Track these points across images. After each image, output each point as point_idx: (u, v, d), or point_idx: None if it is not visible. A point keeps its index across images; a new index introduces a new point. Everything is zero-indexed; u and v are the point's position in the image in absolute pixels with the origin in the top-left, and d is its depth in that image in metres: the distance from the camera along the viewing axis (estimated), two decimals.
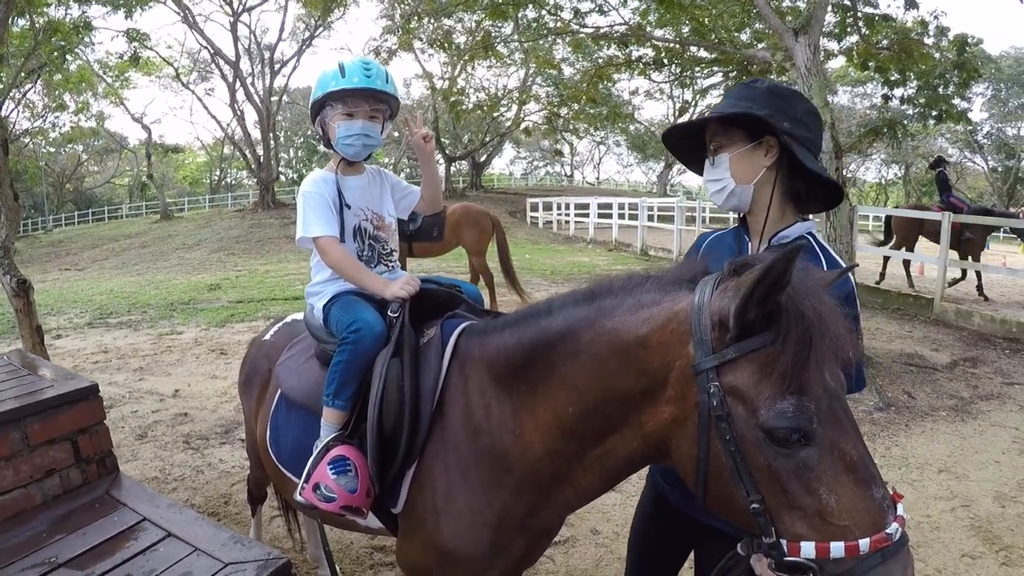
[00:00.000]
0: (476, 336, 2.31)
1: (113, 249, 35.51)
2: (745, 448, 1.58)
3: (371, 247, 2.79)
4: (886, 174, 66.13)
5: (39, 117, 39.06)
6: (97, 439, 2.98)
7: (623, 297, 1.85)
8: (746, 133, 2.21)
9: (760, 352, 1.56)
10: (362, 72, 2.60)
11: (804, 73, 8.95)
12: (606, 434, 1.88)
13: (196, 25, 38.16)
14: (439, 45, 22.40)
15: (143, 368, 9.82)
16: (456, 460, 2.20)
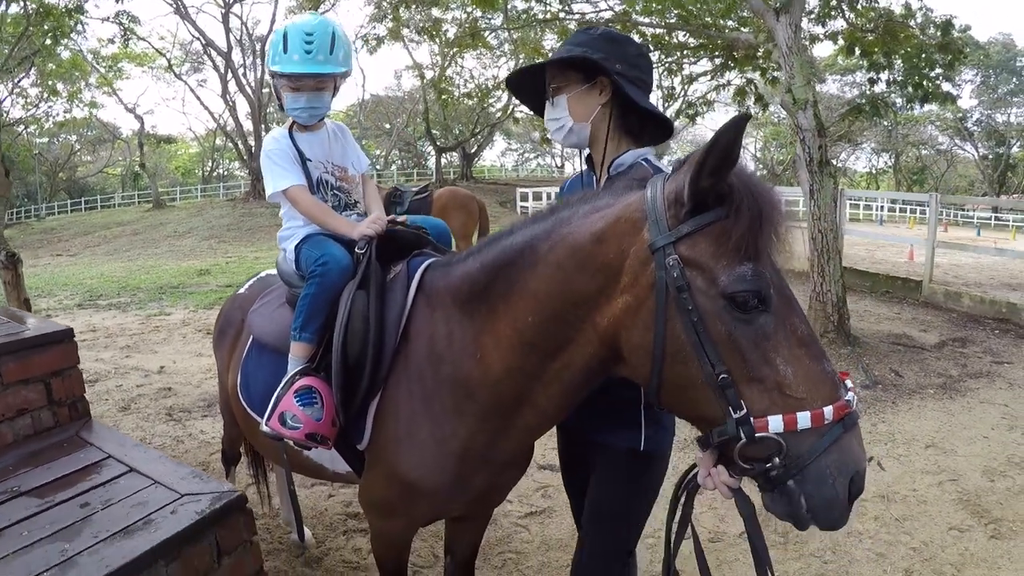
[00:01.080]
0: (441, 268, 2.35)
1: (105, 236, 35.47)
2: (706, 319, 1.63)
3: (335, 197, 2.85)
4: (876, 163, 66.01)
5: (32, 106, 38.94)
6: (70, 383, 3.05)
7: (578, 206, 1.93)
8: (582, 75, 2.31)
9: (715, 225, 1.63)
10: (302, 49, 2.62)
11: (785, 52, 8.98)
12: (564, 344, 1.92)
13: (188, 16, 38.23)
14: (428, 34, 22.39)
15: (130, 346, 9.88)
16: (419, 390, 2.23)
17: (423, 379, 2.23)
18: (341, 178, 2.90)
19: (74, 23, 15.73)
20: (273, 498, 4.66)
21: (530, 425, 2.17)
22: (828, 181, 8.99)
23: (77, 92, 35.55)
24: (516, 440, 2.24)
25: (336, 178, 2.88)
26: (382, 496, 2.40)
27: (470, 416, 2.17)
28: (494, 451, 2.23)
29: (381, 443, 2.32)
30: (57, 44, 17.30)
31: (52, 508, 2.23)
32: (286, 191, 2.70)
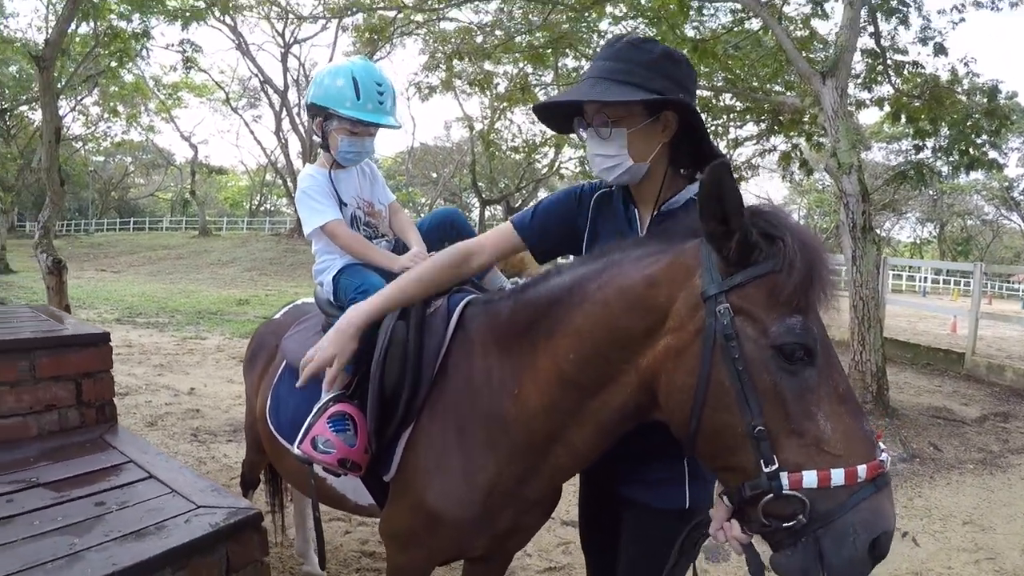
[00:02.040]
0: (482, 305, 2.32)
1: (150, 257, 36.10)
2: (752, 368, 1.63)
3: (365, 232, 2.90)
4: (921, 233, 65.19)
5: (92, 124, 39.92)
6: (100, 386, 3.06)
7: (631, 250, 1.91)
8: (645, 107, 2.06)
9: (767, 277, 1.64)
10: (375, 99, 2.70)
11: (831, 116, 8.96)
12: (604, 384, 1.90)
13: (249, 53, 39.18)
14: (479, 87, 22.70)
15: (163, 365, 9.98)
16: (453, 422, 2.21)
17: (458, 412, 2.21)
18: (369, 213, 2.97)
19: (140, 47, 16.17)
20: (288, 528, 4.63)
21: (561, 465, 2.12)
22: (871, 248, 8.89)
23: (136, 115, 36.46)
24: (546, 479, 2.19)
25: (365, 213, 2.95)
26: (405, 526, 2.35)
27: (502, 451, 2.14)
28: (523, 488, 2.19)
29: (410, 473, 2.28)
30: (122, 66, 17.81)
31: (66, 503, 2.21)
32: (325, 226, 2.77)
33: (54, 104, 10.79)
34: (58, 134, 10.19)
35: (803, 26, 13.86)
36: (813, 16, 13.41)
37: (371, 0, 16.41)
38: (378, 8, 16.61)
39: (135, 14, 15.52)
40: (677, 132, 2.10)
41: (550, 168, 42.46)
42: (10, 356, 2.76)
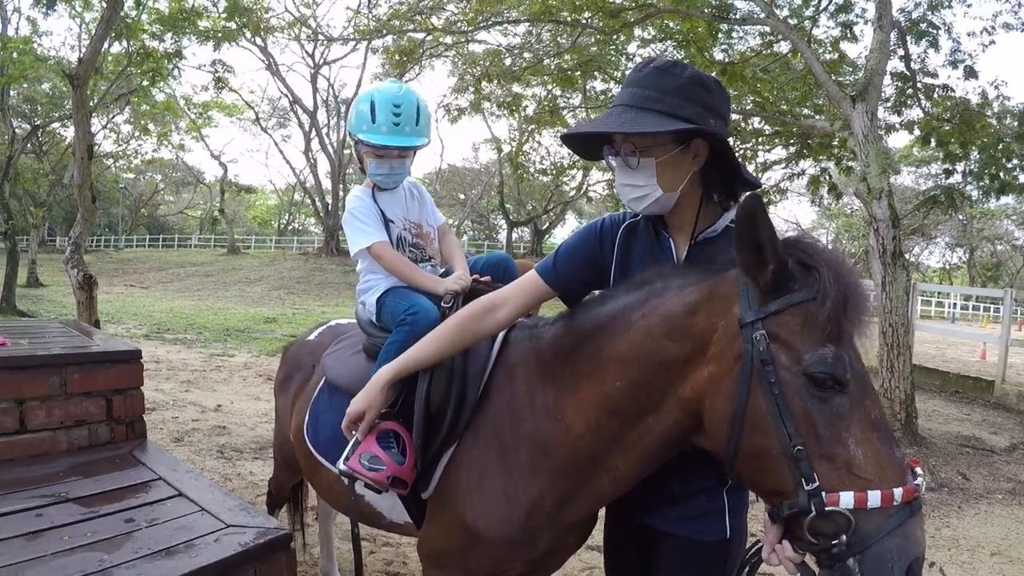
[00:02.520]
0: (527, 329, 2.37)
1: (178, 274, 36.47)
2: (786, 393, 1.68)
3: (412, 253, 2.92)
4: (950, 258, 64.45)
5: (123, 142, 40.46)
6: (131, 402, 3.07)
7: (672, 279, 1.95)
8: (673, 135, 1.98)
9: (802, 306, 1.70)
10: (391, 121, 2.73)
11: (861, 140, 8.91)
12: (647, 410, 1.95)
13: (279, 73, 39.90)
14: (508, 109, 22.79)
15: (190, 381, 10.05)
16: (496, 443, 2.24)
17: (500, 434, 2.25)
18: (417, 235, 2.98)
19: (171, 67, 16.38)
20: (312, 547, 4.62)
21: (602, 490, 2.15)
22: (901, 274, 8.81)
23: (167, 134, 36.92)
24: (586, 504, 2.22)
25: (412, 235, 2.96)
26: (443, 545, 2.38)
27: (544, 475, 2.17)
28: (563, 512, 2.21)
29: (450, 492, 2.32)
30: (154, 86, 18.04)
31: (96, 519, 2.21)
32: (370, 248, 2.79)
33: (87, 122, 10.95)
34: (90, 151, 10.34)
35: (832, 49, 13.84)
36: (842, 39, 13.40)
37: (400, 23, 16.54)
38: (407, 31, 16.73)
39: (167, 34, 15.76)
40: (709, 159, 2.03)
41: (578, 190, 42.52)
42: (42, 371, 2.77)
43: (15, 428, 2.72)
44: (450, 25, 16.37)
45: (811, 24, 12.84)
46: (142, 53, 15.13)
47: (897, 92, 13.12)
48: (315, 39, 34.31)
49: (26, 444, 2.74)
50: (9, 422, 2.71)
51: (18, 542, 2.01)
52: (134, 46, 15.15)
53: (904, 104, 13.25)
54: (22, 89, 27.73)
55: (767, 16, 11.91)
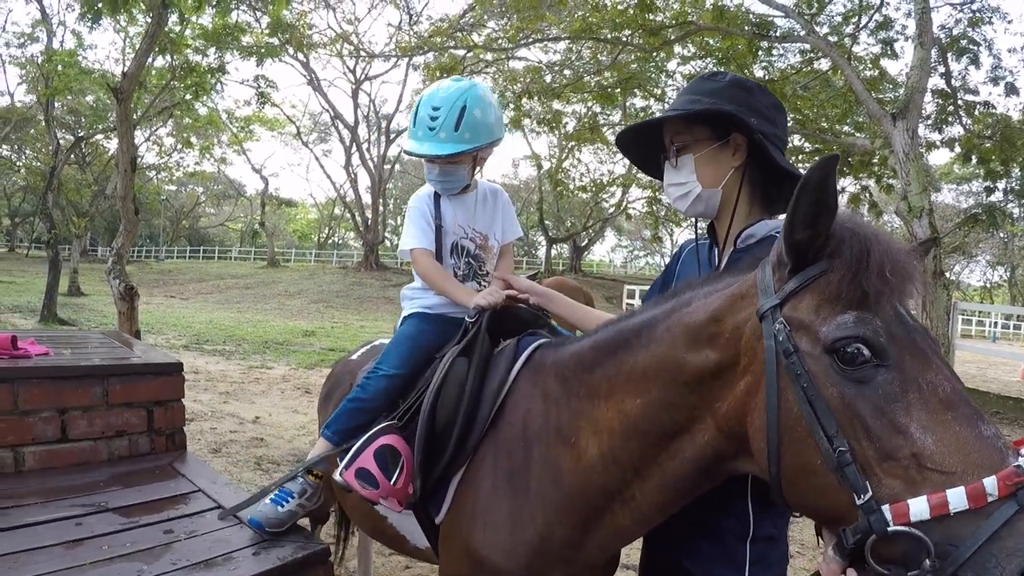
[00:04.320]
0: (552, 348, 2.21)
1: (218, 286, 36.86)
2: (818, 384, 1.40)
3: (468, 264, 2.73)
4: (991, 276, 63.24)
5: (166, 154, 41.10)
6: (172, 414, 3.10)
7: (699, 288, 1.78)
8: (712, 131, 2.02)
9: (819, 279, 1.45)
10: (426, 126, 2.49)
11: (902, 159, 8.82)
12: (674, 432, 1.72)
13: (320, 89, 40.29)
14: (548, 126, 22.84)
15: (229, 393, 10.11)
16: (505, 466, 2.07)
17: (511, 456, 2.08)
18: (481, 246, 2.76)
19: (214, 81, 16.60)
20: (350, 561, 4.60)
21: (619, 525, 1.90)
22: (941, 293, 8.70)
23: (209, 147, 37.43)
24: (600, 541, 1.97)
25: (476, 245, 2.75)
26: (452, 573, 2.22)
27: (552, 504, 1.96)
28: (573, 549, 1.98)
29: (459, 516, 2.16)
30: (197, 99, 18.29)
31: (135, 529, 2.22)
32: (412, 250, 2.66)
33: (131, 135, 11.11)
34: (134, 164, 10.50)
35: (872, 66, 13.74)
36: (883, 56, 13.29)
37: (441, 40, 16.65)
38: (448, 48, 16.84)
39: (211, 49, 15.99)
40: (753, 160, 2.03)
41: (617, 207, 42.45)
42: (84, 381, 2.81)
43: (57, 437, 2.76)
44: (491, 42, 16.46)
45: (851, 41, 12.76)
46: (186, 68, 15.36)
47: (938, 109, 13.00)
48: (356, 55, 34.60)
49: (67, 453, 2.77)
50: (51, 431, 2.74)
51: (58, 550, 2.02)
52: (178, 61, 15.37)
53: (945, 121, 13.12)
54: (67, 101, 28.28)
55: (808, 34, 11.87)
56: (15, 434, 2.67)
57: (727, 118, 1.98)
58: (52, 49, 20.06)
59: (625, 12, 13.44)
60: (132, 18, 15.33)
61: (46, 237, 20.75)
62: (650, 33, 13.22)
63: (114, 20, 16.09)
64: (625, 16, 13.36)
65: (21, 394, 2.69)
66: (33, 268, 39.95)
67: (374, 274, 39.64)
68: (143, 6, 11.66)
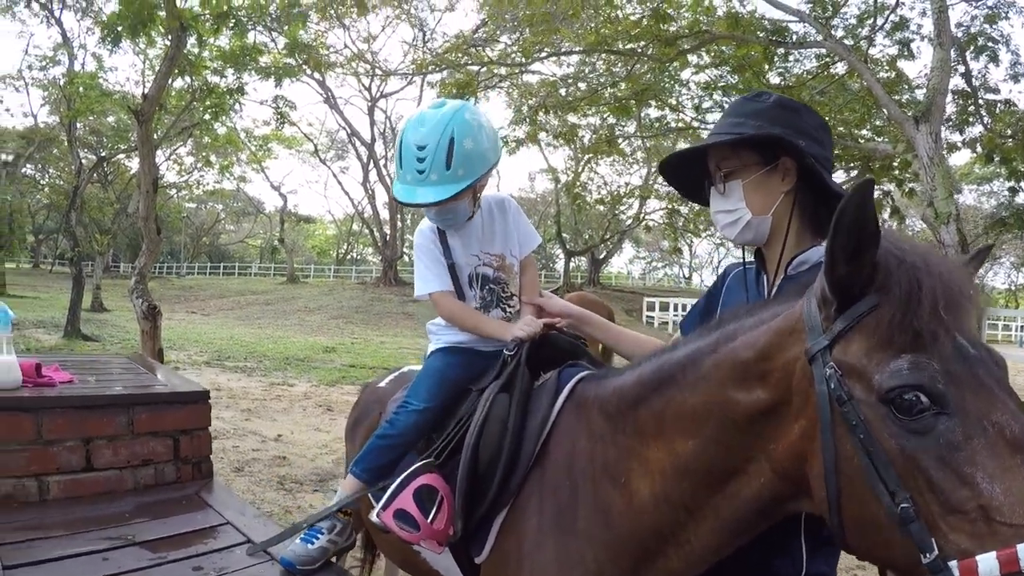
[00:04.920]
0: (595, 381, 2.10)
1: (239, 302, 37.04)
2: (875, 435, 1.30)
3: (490, 291, 2.53)
4: (1016, 279, 62.30)
5: (186, 173, 41.39)
6: (198, 442, 3.08)
7: (744, 319, 1.68)
8: (759, 156, 1.95)
9: (869, 316, 1.35)
10: (414, 168, 2.22)
11: (927, 163, 8.67)
12: (729, 474, 1.63)
13: (337, 106, 40.67)
14: (564, 139, 22.80)
15: (250, 410, 10.12)
16: (552, 506, 1.96)
17: (557, 495, 1.97)
18: (499, 267, 2.54)
19: (233, 102, 16.70)
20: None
21: (671, 568, 1.80)
22: None
23: (229, 166, 37.73)
24: None
25: (494, 268, 2.53)
26: None
27: (600, 546, 1.85)
28: None
29: (503, 557, 2.06)
30: (216, 120, 18.41)
31: (164, 564, 2.19)
32: (431, 295, 2.48)
33: (152, 156, 11.18)
34: (155, 185, 10.55)
35: (889, 68, 13.62)
36: (900, 57, 13.18)
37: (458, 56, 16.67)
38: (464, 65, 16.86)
39: (229, 70, 16.08)
40: (803, 184, 1.96)
41: (635, 219, 42.33)
42: (109, 411, 2.80)
43: (81, 466, 2.74)
44: (505, 57, 16.46)
45: (867, 44, 12.67)
46: (205, 89, 15.46)
47: (958, 110, 12.88)
48: (372, 74, 34.78)
49: (92, 482, 2.75)
50: (76, 460, 2.73)
51: None
52: (197, 82, 15.48)
53: (966, 122, 12.99)
54: (88, 122, 28.53)
55: (824, 38, 11.79)
56: (39, 463, 2.66)
57: (776, 142, 1.91)
58: (74, 72, 20.34)
59: (639, 23, 13.38)
60: (151, 40, 15.41)
61: (70, 254, 20.97)
62: (665, 44, 13.15)
63: (133, 43, 16.24)
64: (640, 27, 13.31)
65: (45, 423, 2.67)
66: (57, 284, 40.31)
67: (393, 289, 39.67)
68: (162, 29, 11.74)
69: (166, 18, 10.68)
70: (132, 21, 11.09)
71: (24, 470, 2.62)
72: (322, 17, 23.06)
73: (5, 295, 34.11)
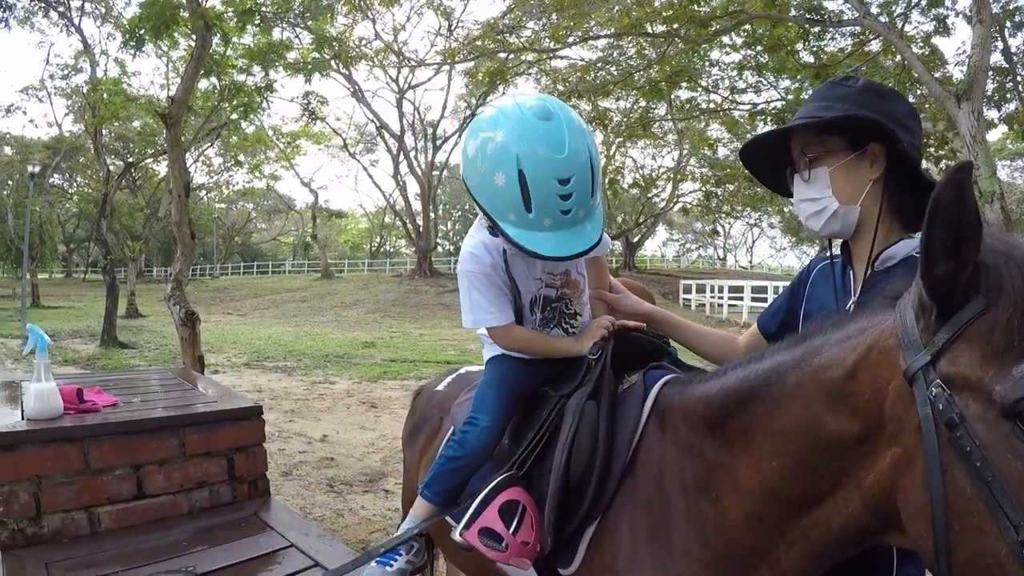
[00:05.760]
0: (680, 386, 1.95)
1: (274, 300, 37.28)
2: (995, 459, 1.12)
3: (552, 310, 2.23)
4: None
5: (216, 174, 41.68)
6: (253, 460, 2.96)
7: (831, 333, 1.51)
8: (846, 141, 1.84)
9: (978, 322, 1.17)
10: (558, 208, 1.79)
11: (969, 141, 8.46)
12: (817, 499, 1.49)
13: (364, 100, 40.70)
14: (599, 123, 22.66)
15: (294, 411, 10.06)
16: (645, 521, 1.84)
17: (649, 509, 1.85)
18: (564, 284, 2.21)
19: (261, 100, 16.64)
20: None
21: None
22: None
23: (259, 165, 37.93)
24: None
25: (558, 288, 2.20)
26: None
27: (697, 563, 1.74)
28: None
29: (591, 572, 1.93)
30: (245, 118, 18.35)
31: None
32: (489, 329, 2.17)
33: (182, 159, 11.10)
34: (187, 188, 10.47)
35: (924, 45, 13.38)
36: (935, 34, 12.95)
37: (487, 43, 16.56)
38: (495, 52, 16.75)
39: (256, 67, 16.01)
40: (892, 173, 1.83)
41: (669, 201, 42.08)
42: (159, 434, 2.67)
43: (133, 494, 2.62)
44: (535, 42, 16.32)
45: (902, 21, 12.44)
46: (233, 88, 15.39)
47: (996, 86, 12.62)
48: (400, 65, 34.78)
49: (144, 510, 2.63)
50: (127, 488, 2.60)
51: None
52: (225, 81, 15.42)
53: (1004, 99, 12.75)
54: (114, 128, 28.79)
55: (863, 16, 11.53)
56: (89, 494, 2.53)
57: (866, 126, 1.77)
58: (96, 78, 20.41)
59: (672, 4, 13.21)
60: (174, 42, 15.41)
61: (103, 262, 21.13)
62: (700, 25, 12.97)
63: (156, 46, 16.23)
64: (673, 8, 13.13)
65: (92, 452, 2.55)
66: (91, 292, 40.84)
67: (428, 281, 39.72)
68: (186, 29, 11.66)
69: (190, 17, 10.59)
70: (155, 23, 11.03)
71: (73, 503, 2.50)
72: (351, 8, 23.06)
73: (39, 306, 34.77)
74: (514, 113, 1.81)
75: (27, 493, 2.44)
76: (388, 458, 7.75)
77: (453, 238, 73.54)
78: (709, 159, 34.19)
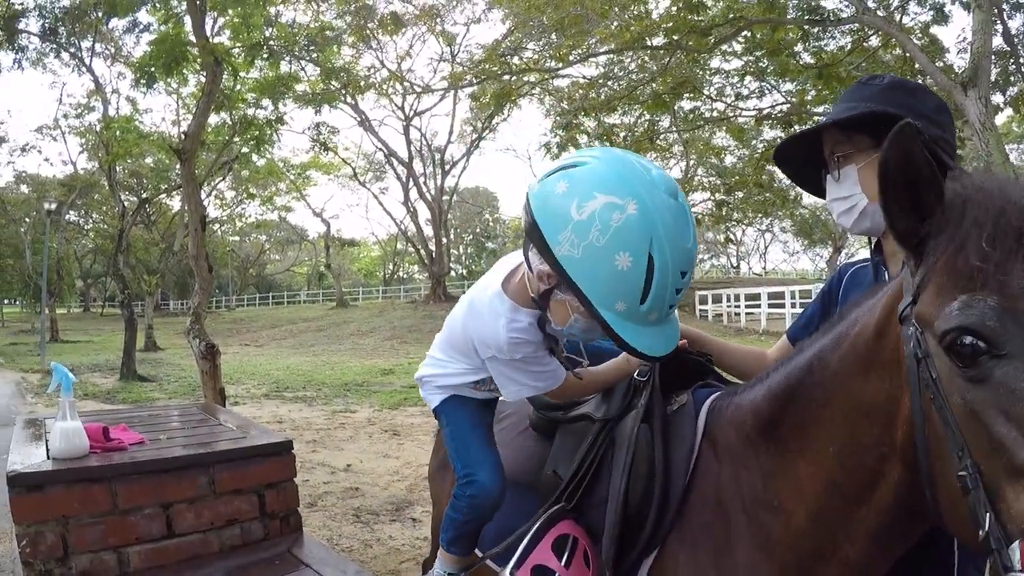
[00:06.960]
0: (726, 400, 1.92)
1: (291, 330, 37.32)
2: (946, 388, 1.17)
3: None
4: None
5: (229, 207, 41.91)
6: (285, 496, 2.92)
7: (866, 301, 1.54)
8: (872, 139, 1.86)
9: (937, 262, 1.21)
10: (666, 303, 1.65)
11: (979, 129, 8.39)
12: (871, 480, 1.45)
13: (372, 128, 40.83)
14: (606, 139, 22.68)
15: (316, 441, 10.04)
16: (707, 544, 1.78)
17: (711, 532, 1.78)
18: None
19: (271, 133, 16.74)
20: None
21: None
22: None
23: (271, 197, 38.17)
24: None
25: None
26: None
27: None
28: None
29: None
30: (257, 151, 18.46)
31: None
32: None
33: (197, 194, 11.15)
34: (203, 223, 10.52)
35: (922, 35, 13.38)
36: (934, 23, 12.96)
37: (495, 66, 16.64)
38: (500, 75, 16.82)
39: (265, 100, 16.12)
40: None
41: None
42: (188, 472, 2.65)
43: (163, 533, 2.59)
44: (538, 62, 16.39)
45: (900, 13, 12.45)
46: (244, 122, 15.51)
47: (999, 70, 12.59)
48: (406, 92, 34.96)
49: (175, 549, 2.60)
50: (156, 528, 2.58)
51: None
52: (236, 115, 15.54)
53: (1008, 82, 12.72)
54: (128, 164, 29.03)
55: (861, 12, 11.55)
56: (117, 535, 2.50)
57: (890, 122, 1.72)
58: (109, 117, 20.60)
59: (671, 15, 13.25)
60: (183, 79, 15.53)
61: (120, 297, 21.25)
62: (701, 34, 12.99)
63: (166, 83, 16.36)
64: (673, 19, 13.16)
65: (120, 492, 2.52)
66: (108, 326, 41.00)
67: (443, 305, 39.68)
68: (195, 66, 11.76)
69: (199, 54, 10.69)
70: (165, 60, 11.14)
71: (101, 543, 2.47)
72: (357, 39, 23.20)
73: (59, 341, 35.01)
74: (644, 181, 1.60)
75: (54, 534, 2.41)
76: (414, 486, 7.71)
77: (465, 262, 73.74)
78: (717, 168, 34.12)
